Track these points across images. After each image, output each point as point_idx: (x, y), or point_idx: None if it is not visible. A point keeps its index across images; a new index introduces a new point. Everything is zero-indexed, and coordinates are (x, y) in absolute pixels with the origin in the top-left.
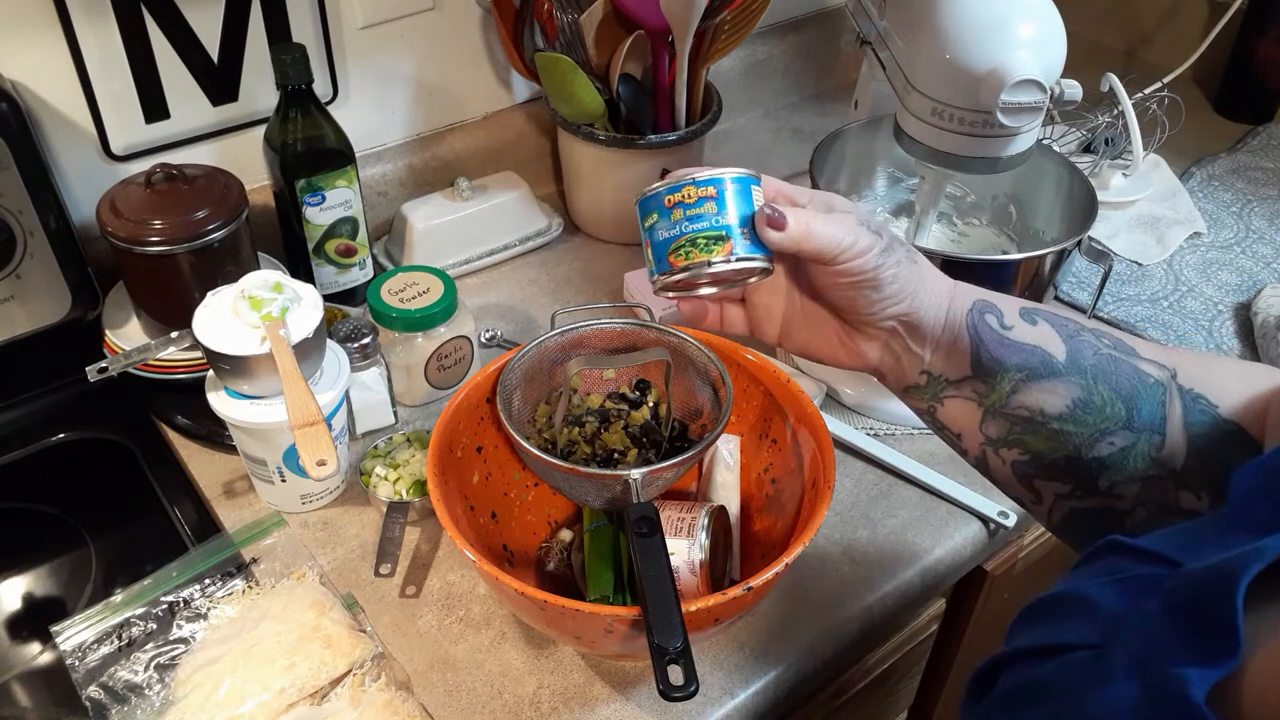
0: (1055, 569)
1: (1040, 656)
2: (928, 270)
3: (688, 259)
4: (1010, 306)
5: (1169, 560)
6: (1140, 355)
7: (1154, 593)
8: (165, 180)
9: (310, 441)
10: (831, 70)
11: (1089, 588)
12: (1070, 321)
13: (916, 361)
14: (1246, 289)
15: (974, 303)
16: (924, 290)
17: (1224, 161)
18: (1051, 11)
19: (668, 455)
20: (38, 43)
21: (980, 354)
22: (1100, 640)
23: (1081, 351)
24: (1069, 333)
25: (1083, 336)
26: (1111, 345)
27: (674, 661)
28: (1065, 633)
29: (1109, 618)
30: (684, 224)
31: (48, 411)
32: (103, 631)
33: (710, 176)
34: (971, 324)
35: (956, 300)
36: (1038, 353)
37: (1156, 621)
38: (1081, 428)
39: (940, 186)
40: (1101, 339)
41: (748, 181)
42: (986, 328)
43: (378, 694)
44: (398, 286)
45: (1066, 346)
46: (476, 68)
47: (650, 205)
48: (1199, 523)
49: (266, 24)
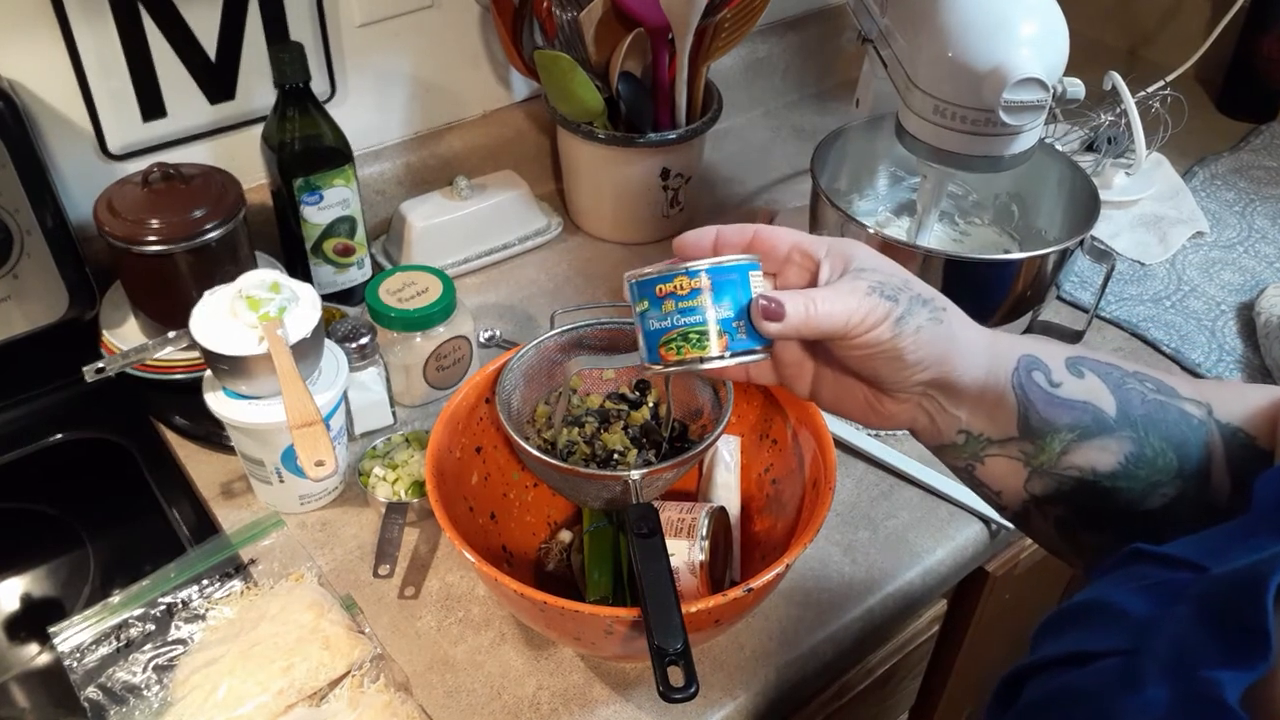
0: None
1: (1068, 665)
2: (960, 328)
3: (679, 354)
4: (1055, 359)
5: (1194, 565)
6: (1180, 395)
7: (1182, 598)
8: (162, 179)
9: (308, 442)
10: (833, 68)
11: (1116, 595)
12: (1113, 367)
13: (953, 422)
14: (1249, 288)
15: (1019, 360)
16: (956, 352)
17: (1227, 160)
18: (1054, 9)
19: (668, 456)
20: (35, 41)
21: (1029, 415)
22: (1130, 646)
23: (1130, 401)
24: (1115, 382)
25: (1128, 385)
26: (1155, 388)
27: (674, 662)
28: (1093, 640)
29: (1138, 624)
30: (675, 316)
31: (45, 412)
32: (101, 632)
33: (704, 266)
34: (1018, 384)
35: (998, 358)
36: (1089, 409)
37: (1186, 626)
38: (1134, 483)
39: (942, 185)
40: (1145, 383)
41: (745, 268)
42: (1035, 387)
43: (376, 695)
44: (396, 286)
45: (1116, 398)
46: (475, 66)
47: (642, 292)
48: (1222, 529)
49: (264, 22)
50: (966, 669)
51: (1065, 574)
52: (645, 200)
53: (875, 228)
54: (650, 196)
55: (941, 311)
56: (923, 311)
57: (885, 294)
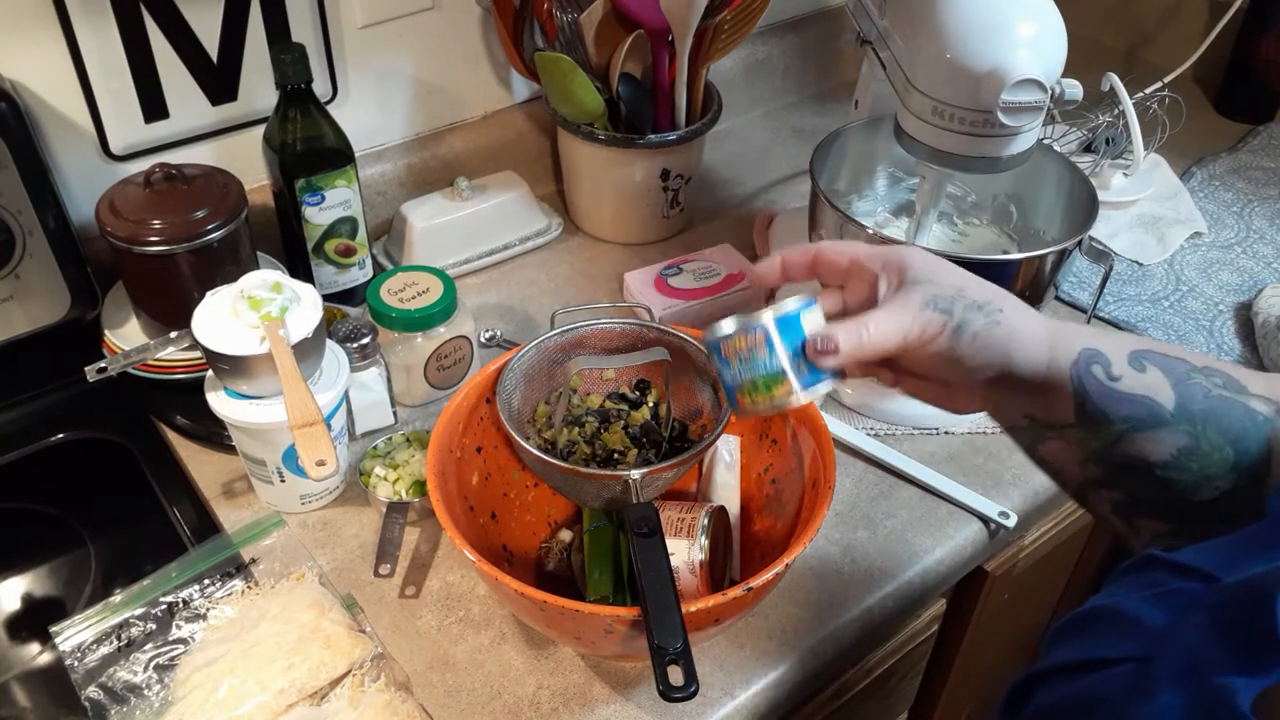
0: (1056, 569)
1: (1079, 671)
2: (1021, 322)
3: (754, 402)
4: (1119, 352)
5: (1207, 575)
6: (1250, 392)
7: (1196, 607)
8: (164, 180)
9: (309, 442)
10: (832, 70)
11: (1128, 603)
12: (1181, 361)
13: (1019, 407)
14: (1247, 289)
15: (1080, 352)
16: (1017, 347)
17: (1225, 161)
18: (1052, 11)
19: (668, 455)
20: (37, 42)
21: (1085, 405)
22: (1143, 654)
23: (1191, 396)
24: (1179, 376)
25: (1193, 379)
26: (1222, 384)
27: (674, 662)
28: (1106, 647)
29: (1151, 632)
30: (743, 370)
31: (47, 412)
32: (102, 632)
33: (763, 320)
34: (1076, 376)
35: (1059, 349)
36: (1145, 403)
37: (1200, 634)
38: (1186, 474)
39: (941, 186)
40: (1213, 378)
41: (795, 316)
42: (1093, 379)
43: (377, 694)
44: (397, 286)
45: (1175, 393)
46: (476, 67)
47: (714, 350)
48: (1237, 537)
49: (266, 23)
50: (966, 668)
51: (1065, 574)
52: (645, 201)
53: (874, 228)
54: (650, 197)
55: (998, 313)
56: (978, 318)
57: (939, 306)
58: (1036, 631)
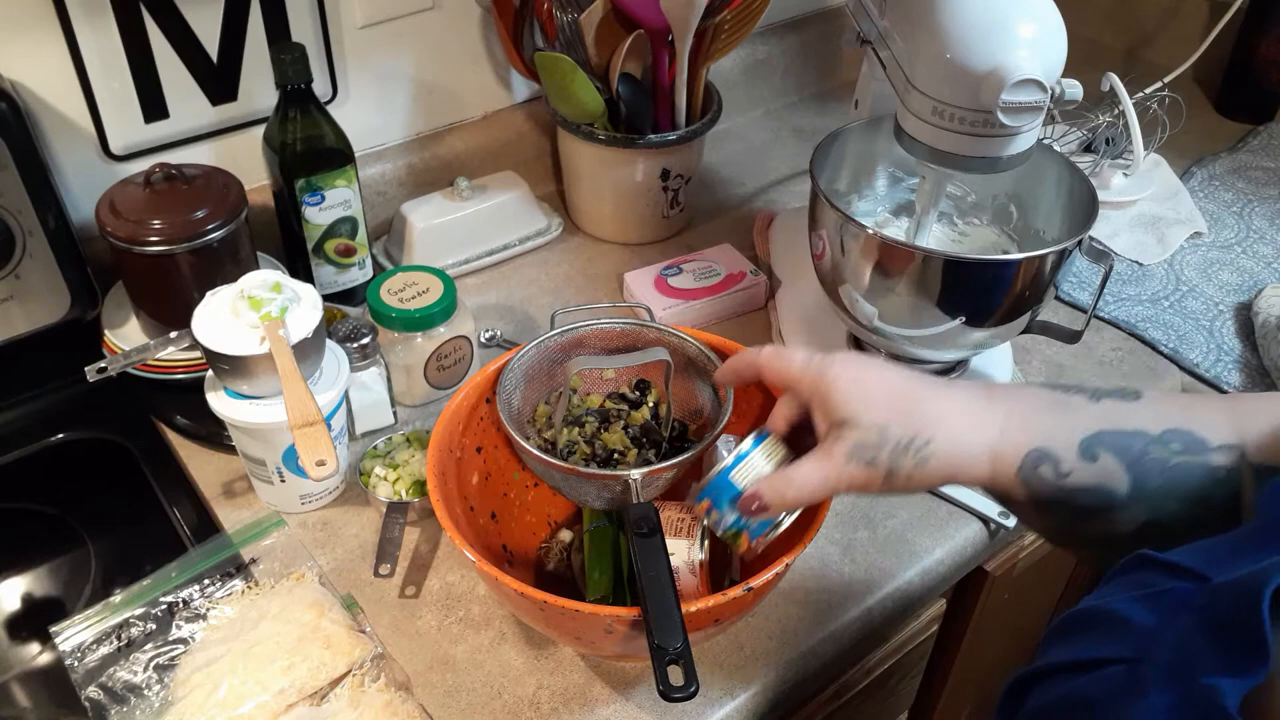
0: (1056, 569)
1: (1073, 672)
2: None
3: (737, 549)
4: (1067, 446)
5: (1198, 575)
6: (1211, 446)
7: (1186, 608)
8: (164, 180)
9: (309, 442)
10: (832, 70)
11: (1120, 603)
12: (1138, 436)
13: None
14: (1247, 289)
15: (1026, 455)
16: (956, 472)
17: (1225, 161)
18: (1052, 11)
19: (667, 455)
20: (37, 42)
21: (1038, 502)
22: (1134, 655)
23: (1147, 473)
24: (1134, 456)
25: (1149, 455)
26: (1182, 448)
27: (674, 662)
28: (1099, 648)
29: (1142, 632)
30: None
31: (47, 411)
32: (102, 632)
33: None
34: (1024, 480)
35: (1003, 457)
36: (1098, 492)
37: (1188, 635)
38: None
39: (941, 186)
40: (1171, 444)
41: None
42: (1041, 481)
43: (377, 695)
44: (397, 286)
45: (1130, 475)
46: (476, 67)
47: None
48: (1228, 537)
49: (266, 23)
50: (965, 668)
51: (1064, 574)
52: (645, 201)
53: (874, 228)
54: (650, 197)
55: (927, 447)
56: (907, 460)
57: (864, 459)
58: (1036, 631)
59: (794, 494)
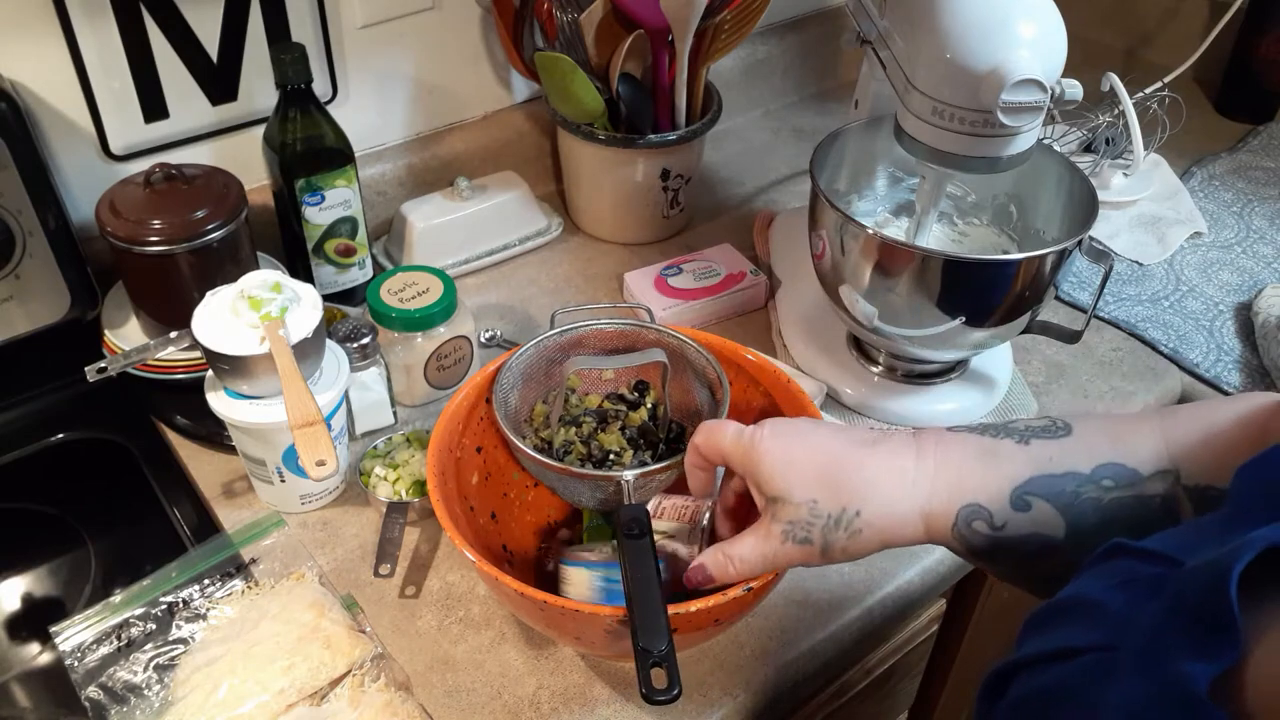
0: None
1: (1050, 661)
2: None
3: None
4: (998, 499)
5: (1172, 560)
6: (1143, 476)
7: (1157, 593)
8: (164, 180)
9: (309, 442)
10: (832, 70)
11: (1095, 591)
12: (1070, 477)
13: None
14: (1247, 289)
15: (958, 512)
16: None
17: (1225, 161)
18: (1052, 11)
19: (663, 456)
20: (37, 42)
21: (975, 554)
22: (1109, 642)
23: (1082, 514)
24: (1067, 500)
25: (1083, 495)
26: (1114, 483)
27: (658, 664)
28: (1075, 636)
29: (1115, 620)
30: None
31: (47, 412)
32: (102, 632)
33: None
34: (959, 535)
35: (935, 517)
36: (1034, 540)
37: (1160, 620)
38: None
39: (941, 186)
40: (1102, 481)
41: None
42: (976, 535)
43: (377, 694)
44: (397, 286)
45: (1065, 519)
46: (476, 67)
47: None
48: (1202, 521)
49: (266, 23)
50: (965, 668)
51: None
52: (645, 201)
53: (874, 228)
54: (650, 197)
55: (856, 519)
56: (839, 535)
57: (798, 537)
58: None
59: (739, 570)
